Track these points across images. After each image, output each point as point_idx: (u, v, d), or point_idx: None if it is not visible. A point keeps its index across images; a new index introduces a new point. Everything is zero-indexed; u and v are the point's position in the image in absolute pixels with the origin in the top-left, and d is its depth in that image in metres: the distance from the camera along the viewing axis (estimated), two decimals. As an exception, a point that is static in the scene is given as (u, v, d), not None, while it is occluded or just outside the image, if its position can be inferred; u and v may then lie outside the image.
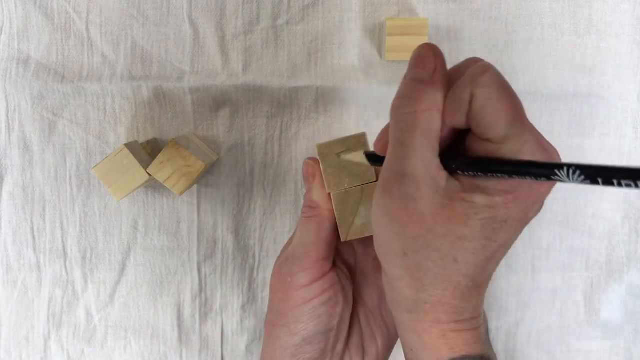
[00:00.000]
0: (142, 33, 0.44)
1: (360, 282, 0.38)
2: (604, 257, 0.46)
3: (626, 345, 0.47)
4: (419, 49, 0.28)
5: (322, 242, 0.34)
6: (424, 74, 0.27)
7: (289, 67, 0.44)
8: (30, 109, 0.45)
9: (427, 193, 0.26)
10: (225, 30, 0.44)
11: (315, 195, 0.34)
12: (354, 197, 0.33)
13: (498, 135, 0.25)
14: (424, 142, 0.27)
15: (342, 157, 0.33)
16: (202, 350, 0.47)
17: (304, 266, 0.34)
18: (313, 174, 0.35)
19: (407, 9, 0.43)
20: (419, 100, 0.27)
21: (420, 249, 0.27)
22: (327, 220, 0.34)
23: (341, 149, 0.33)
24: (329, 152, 0.33)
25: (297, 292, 0.34)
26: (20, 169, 0.45)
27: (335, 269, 0.35)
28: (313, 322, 0.33)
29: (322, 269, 0.34)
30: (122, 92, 0.44)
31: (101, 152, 0.45)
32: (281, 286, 0.34)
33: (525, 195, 0.26)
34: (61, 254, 0.46)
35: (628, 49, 0.44)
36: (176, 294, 0.47)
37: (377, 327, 0.37)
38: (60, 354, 0.48)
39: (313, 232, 0.34)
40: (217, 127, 0.45)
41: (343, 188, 0.33)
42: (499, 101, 0.25)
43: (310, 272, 0.34)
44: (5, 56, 0.44)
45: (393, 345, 0.37)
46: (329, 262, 0.35)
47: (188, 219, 0.46)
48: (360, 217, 0.34)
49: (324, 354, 0.34)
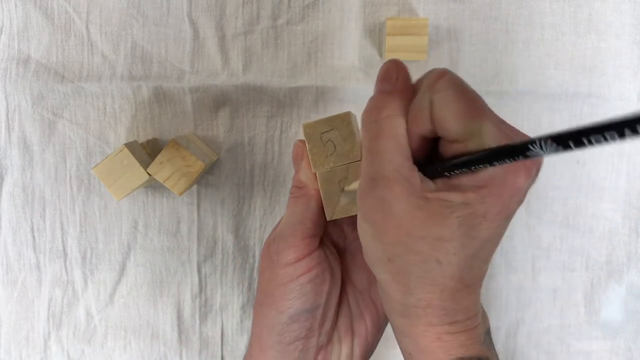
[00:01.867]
0: (142, 33, 0.44)
1: (349, 264, 0.38)
2: (604, 257, 0.46)
3: (626, 345, 0.47)
4: (384, 65, 0.31)
5: (309, 221, 0.34)
6: (388, 86, 0.30)
7: (289, 67, 0.44)
8: (30, 109, 0.45)
9: (401, 193, 0.27)
10: (225, 30, 0.44)
11: (302, 175, 0.35)
12: (339, 176, 0.33)
13: (460, 134, 0.26)
14: (391, 145, 0.28)
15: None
16: (202, 350, 0.47)
17: (290, 244, 0.34)
18: (302, 155, 0.35)
19: (407, 9, 0.43)
20: (382, 108, 0.29)
21: (402, 254, 0.27)
22: (313, 199, 0.34)
23: (326, 128, 0.33)
24: (314, 132, 0.33)
25: (284, 270, 0.34)
26: (20, 169, 0.45)
27: (323, 247, 0.36)
28: (300, 299, 0.34)
29: (309, 246, 0.34)
30: (122, 92, 0.44)
31: (101, 152, 0.45)
32: (268, 265, 0.35)
33: (500, 188, 0.27)
34: (61, 254, 0.46)
35: (628, 48, 0.44)
36: (176, 294, 0.47)
37: (366, 308, 0.37)
38: (60, 354, 0.48)
39: (300, 211, 0.34)
40: (217, 127, 0.45)
41: (328, 167, 0.33)
42: (454, 103, 0.26)
43: (297, 249, 0.34)
44: (5, 56, 0.44)
45: (382, 328, 0.38)
46: (316, 240, 0.35)
47: (188, 219, 0.46)
48: (346, 196, 0.33)
49: (310, 332, 0.34)
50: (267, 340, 0.35)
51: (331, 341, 0.36)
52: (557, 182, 0.45)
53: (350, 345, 0.36)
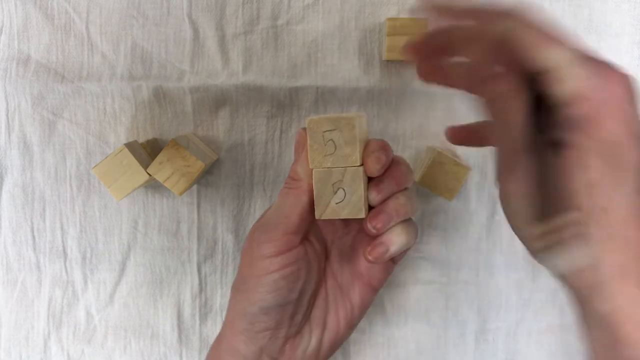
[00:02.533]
0: (142, 33, 0.44)
1: (334, 259, 0.39)
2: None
3: (626, 345, 0.47)
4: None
5: (296, 216, 0.34)
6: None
7: (289, 67, 0.44)
8: (30, 109, 0.45)
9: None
10: (225, 30, 0.44)
11: (299, 168, 0.35)
12: (335, 178, 0.33)
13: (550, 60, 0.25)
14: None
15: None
16: (202, 350, 0.47)
17: (271, 237, 0.34)
18: (303, 145, 0.35)
19: (407, 9, 0.43)
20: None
21: None
22: (305, 194, 0.34)
23: (329, 127, 0.33)
24: (317, 129, 0.33)
25: (260, 262, 0.34)
26: (20, 169, 0.45)
27: (305, 244, 0.36)
28: (271, 294, 0.34)
29: (289, 243, 0.34)
30: (122, 92, 0.44)
31: (101, 152, 0.45)
32: (249, 252, 0.35)
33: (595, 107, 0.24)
34: (61, 254, 0.46)
35: (628, 48, 0.44)
36: (176, 294, 0.47)
37: (342, 303, 0.38)
38: (60, 354, 0.48)
39: (289, 204, 0.34)
40: (217, 127, 0.45)
41: (325, 166, 0.33)
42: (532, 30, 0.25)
43: (277, 244, 0.34)
44: (5, 56, 0.44)
45: (355, 324, 0.39)
46: (298, 237, 0.35)
47: (188, 219, 0.46)
48: (338, 198, 0.33)
49: (280, 324, 0.35)
50: (238, 325, 0.36)
51: (301, 332, 0.37)
52: (557, 182, 0.45)
53: (319, 337, 0.37)
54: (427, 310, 0.47)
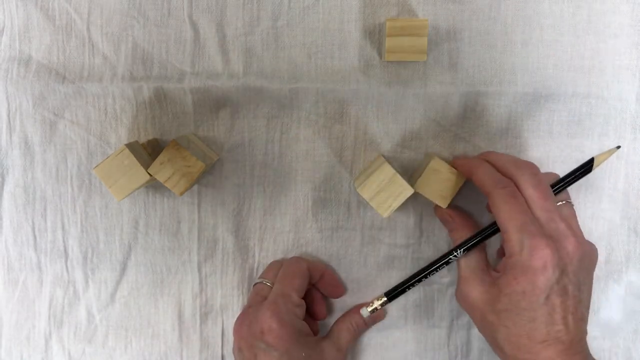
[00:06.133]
0: (143, 34, 0.44)
1: None
2: (603, 257, 0.46)
3: (625, 345, 0.47)
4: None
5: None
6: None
7: (289, 68, 0.44)
8: (31, 110, 0.45)
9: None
10: (225, 31, 0.44)
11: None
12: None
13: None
14: None
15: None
16: (202, 350, 0.48)
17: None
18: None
19: (407, 9, 0.43)
20: None
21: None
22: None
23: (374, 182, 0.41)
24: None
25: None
26: (21, 169, 0.46)
27: None
28: None
29: None
30: (123, 92, 0.44)
31: (102, 152, 0.45)
32: None
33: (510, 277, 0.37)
34: (62, 254, 0.47)
35: (627, 49, 0.44)
36: (177, 293, 0.47)
37: None
38: (61, 354, 0.48)
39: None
40: (217, 128, 0.45)
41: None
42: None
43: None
44: (7, 57, 0.44)
45: None
46: None
47: (188, 219, 0.46)
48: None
49: None
50: None
51: None
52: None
53: None
54: (427, 311, 0.47)
